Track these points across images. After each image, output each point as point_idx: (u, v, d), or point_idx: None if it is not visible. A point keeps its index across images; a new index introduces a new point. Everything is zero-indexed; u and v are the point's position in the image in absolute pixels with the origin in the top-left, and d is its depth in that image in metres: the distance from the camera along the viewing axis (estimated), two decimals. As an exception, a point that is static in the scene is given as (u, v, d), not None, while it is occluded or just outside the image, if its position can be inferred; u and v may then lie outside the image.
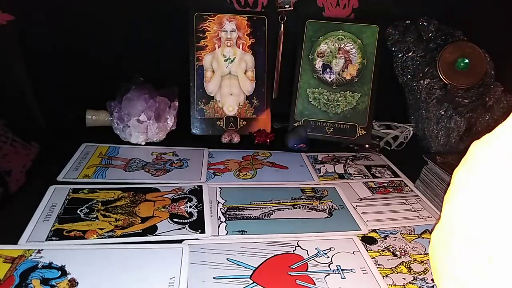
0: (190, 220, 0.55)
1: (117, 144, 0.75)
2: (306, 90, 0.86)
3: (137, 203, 0.58)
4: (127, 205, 0.57)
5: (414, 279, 0.48)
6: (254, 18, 0.85)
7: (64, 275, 0.43)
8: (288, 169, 0.73)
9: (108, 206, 0.57)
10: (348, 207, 0.62)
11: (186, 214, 0.57)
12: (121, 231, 0.52)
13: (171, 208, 0.58)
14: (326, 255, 0.51)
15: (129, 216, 0.55)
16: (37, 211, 0.54)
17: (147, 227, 0.53)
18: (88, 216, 0.54)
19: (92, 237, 0.50)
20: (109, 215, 0.55)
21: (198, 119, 0.84)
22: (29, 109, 0.83)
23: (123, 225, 0.53)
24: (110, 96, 0.78)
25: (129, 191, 0.61)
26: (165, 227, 0.53)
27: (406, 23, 0.88)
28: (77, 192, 0.59)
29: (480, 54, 0.81)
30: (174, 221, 0.55)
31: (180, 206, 0.58)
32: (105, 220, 0.54)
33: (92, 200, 0.58)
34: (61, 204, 0.56)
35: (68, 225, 0.52)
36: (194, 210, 0.58)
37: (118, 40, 0.84)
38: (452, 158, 0.67)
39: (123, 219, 0.54)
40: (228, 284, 0.45)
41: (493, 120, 0.81)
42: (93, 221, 0.53)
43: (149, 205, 0.58)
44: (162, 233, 0.52)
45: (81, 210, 0.55)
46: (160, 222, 0.54)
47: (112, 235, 0.51)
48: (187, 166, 0.71)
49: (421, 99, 0.83)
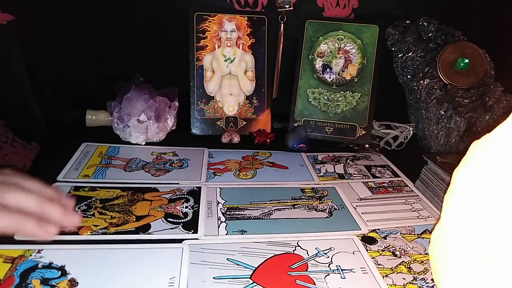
0: (184, 220, 0.56)
1: (117, 144, 0.75)
2: (306, 90, 0.86)
3: (134, 202, 0.59)
4: (124, 204, 0.58)
5: (414, 279, 0.48)
6: (254, 18, 0.85)
7: (64, 275, 0.43)
8: (288, 169, 0.73)
9: (106, 204, 0.57)
10: (348, 207, 0.62)
11: (181, 214, 0.57)
12: (114, 229, 0.52)
13: (167, 208, 0.58)
14: (326, 255, 0.51)
15: (124, 214, 0.55)
16: None
17: (140, 225, 0.53)
18: (85, 213, 0.55)
19: (86, 233, 0.51)
20: (105, 213, 0.55)
21: (198, 119, 0.84)
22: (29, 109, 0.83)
23: (117, 223, 0.53)
24: (110, 96, 0.78)
25: (129, 190, 0.61)
26: (159, 226, 0.54)
27: (406, 23, 0.88)
28: (78, 189, 0.60)
29: (480, 54, 0.81)
30: (168, 221, 0.55)
31: (176, 206, 0.59)
32: (101, 217, 0.54)
33: (91, 198, 0.58)
34: None
35: None
36: (190, 210, 0.58)
37: (118, 40, 0.84)
38: (452, 158, 0.67)
39: (119, 217, 0.55)
40: (228, 284, 0.45)
41: (493, 120, 0.81)
42: (89, 218, 0.54)
43: (146, 204, 0.58)
44: (154, 232, 0.52)
45: (79, 207, 0.56)
46: (154, 221, 0.55)
47: (106, 232, 0.51)
48: (187, 166, 0.71)
49: (421, 99, 0.83)
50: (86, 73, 0.85)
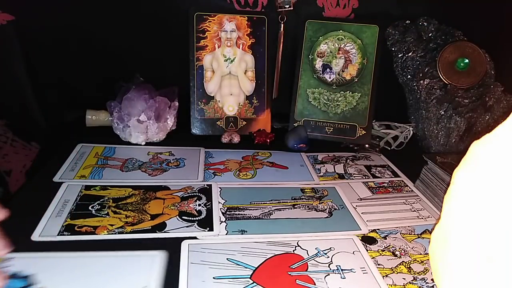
0: (198, 218, 0.56)
1: (113, 145, 0.75)
2: (306, 90, 0.86)
3: (147, 201, 0.59)
4: (137, 203, 0.58)
5: (414, 279, 0.48)
6: (254, 18, 0.85)
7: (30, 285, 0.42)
8: (288, 169, 0.73)
9: (119, 203, 0.58)
10: (348, 207, 0.62)
11: (195, 212, 0.57)
12: (131, 228, 0.52)
13: (180, 206, 0.58)
14: (326, 255, 0.51)
15: (139, 213, 0.56)
16: (50, 207, 0.55)
17: (156, 224, 0.54)
18: (99, 212, 0.55)
19: (103, 232, 0.51)
20: (119, 212, 0.55)
21: (198, 119, 0.84)
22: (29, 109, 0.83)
23: (133, 222, 0.54)
24: (110, 96, 0.78)
25: (140, 189, 0.62)
26: (174, 225, 0.54)
27: (406, 23, 0.88)
28: (89, 189, 0.60)
29: (480, 54, 0.81)
30: (183, 219, 0.55)
31: (189, 204, 0.59)
32: (116, 216, 0.54)
33: (104, 197, 0.59)
34: (73, 200, 0.57)
35: (80, 220, 0.53)
36: (203, 208, 0.58)
37: (118, 40, 0.85)
38: (452, 158, 0.67)
39: (133, 216, 0.55)
40: (228, 284, 0.45)
41: (493, 120, 0.81)
42: (104, 217, 0.54)
43: (159, 203, 0.59)
44: (171, 230, 0.53)
45: (92, 206, 0.56)
46: (169, 220, 0.55)
47: (122, 231, 0.52)
48: (184, 166, 0.71)
49: (421, 99, 0.83)
50: (86, 73, 0.86)
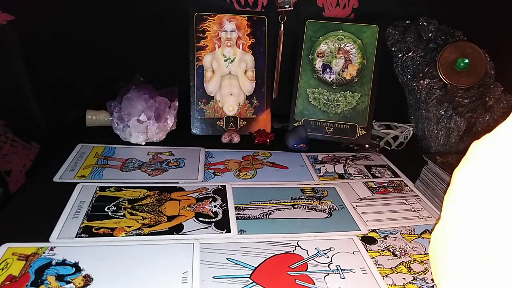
0: (215, 219, 0.56)
1: (113, 145, 0.75)
2: (306, 90, 0.86)
3: (162, 202, 0.59)
4: (153, 204, 0.58)
5: (414, 279, 0.48)
6: (254, 18, 0.85)
7: (78, 271, 0.44)
8: (288, 169, 0.73)
9: (135, 204, 0.57)
10: (348, 207, 0.62)
11: (211, 213, 0.57)
12: (148, 229, 0.52)
13: (196, 208, 0.58)
14: (326, 255, 0.51)
15: (155, 214, 0.55)
16: (66, 208, 0.54)
17: (173, 225, 0.54)
18: (116, 214, 0.55)
19: (120, 234, 0.51)
20: (136, 213, 0.55)
21: (198, 119, 0.84)
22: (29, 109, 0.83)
23: (150, 223, 0.53)
24: (110, 96, 0.78)
25: (154, 189, 0.62)
26: (191, 226, 0.54)
27: (406, 23, 0.88)
28: (104, 190, 0.60)
29: (480, 54, 0.81)
30: (199, 220, 0.55)
31: (205, 205, 0.59)
32: (132, 218, 0.54)
33: (119, 198, 0.58)
34: (89, 201, 0.57)
35: (97, 222, 0.52)
36: (219, 209, 0.58)
37: (118, 40, 0.84)
38: (452, 158, 0.67)
39: (150, 217, 0.55)
40: (227, 283, 0.45)
41: (493, 120, 0.81)
42: (121, 219, 0.54)
43: (174, 204, 0.58)
44: (188, 232, 0.52)
45: (108, 208, 0.56)
46: (186, 221, 0.55)
47: (140, 233, 0.51)
48: (184, 166, 0.71)
49: (421, 99, 0.83)
50: (86, 73, 0.86)
